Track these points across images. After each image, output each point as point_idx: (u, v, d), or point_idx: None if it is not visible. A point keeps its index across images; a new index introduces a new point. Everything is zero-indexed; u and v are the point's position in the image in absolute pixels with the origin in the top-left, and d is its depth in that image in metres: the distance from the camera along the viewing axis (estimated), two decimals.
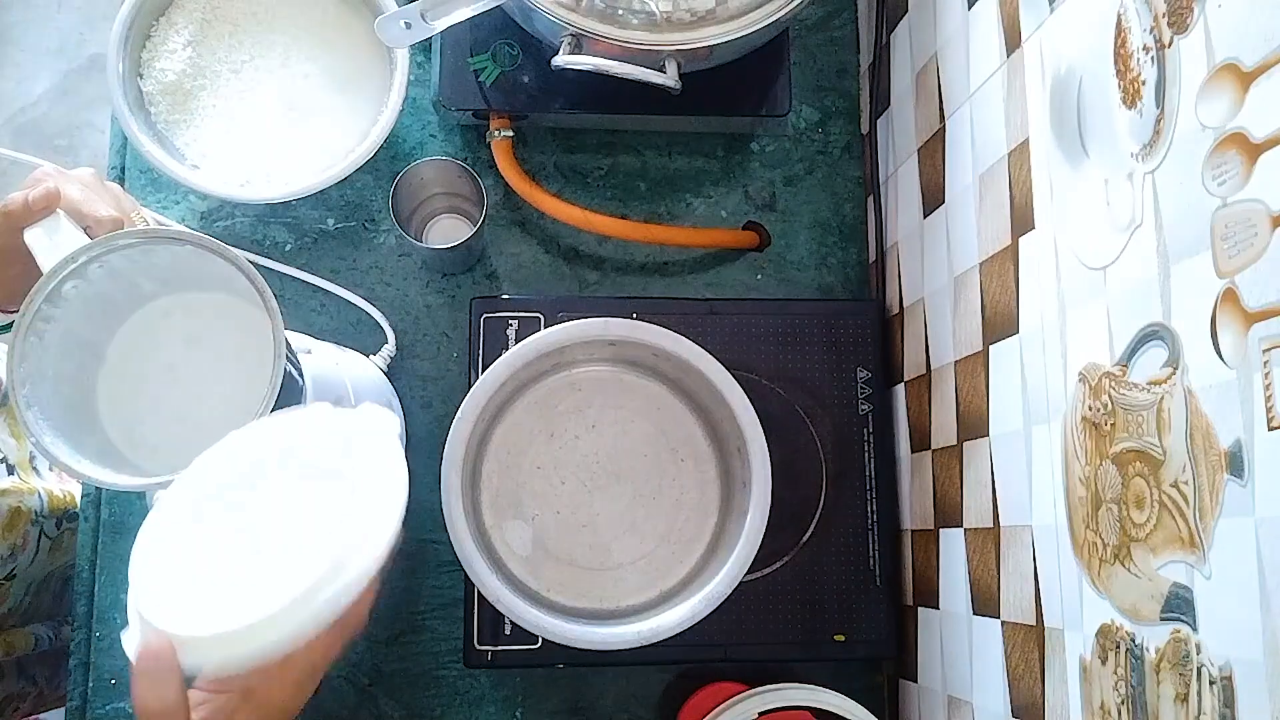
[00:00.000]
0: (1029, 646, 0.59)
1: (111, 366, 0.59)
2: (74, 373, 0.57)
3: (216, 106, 0.78)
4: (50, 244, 0.56)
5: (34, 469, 0.87)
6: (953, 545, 0.69)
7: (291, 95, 0.78)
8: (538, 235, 0.84)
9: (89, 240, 0.56)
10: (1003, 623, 0.62)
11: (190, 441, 0.57)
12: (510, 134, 0.79)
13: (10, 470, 0.84)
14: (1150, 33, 0.48)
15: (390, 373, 0.79)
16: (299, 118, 0.78)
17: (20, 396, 0.52)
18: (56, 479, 0.90)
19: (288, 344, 0.54)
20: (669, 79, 0.67)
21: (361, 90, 0.79)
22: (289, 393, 0.56)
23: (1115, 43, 0.51)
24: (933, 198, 0.74)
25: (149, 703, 0.44)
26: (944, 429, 0.71)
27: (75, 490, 0.87)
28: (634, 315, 0.70)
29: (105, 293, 0.56)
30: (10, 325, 0.63)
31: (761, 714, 0.69)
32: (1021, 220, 0.60)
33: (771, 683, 0.71)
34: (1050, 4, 0.57)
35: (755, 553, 0.65)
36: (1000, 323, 0.63)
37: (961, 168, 0.69)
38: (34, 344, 0.53)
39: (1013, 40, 0.62)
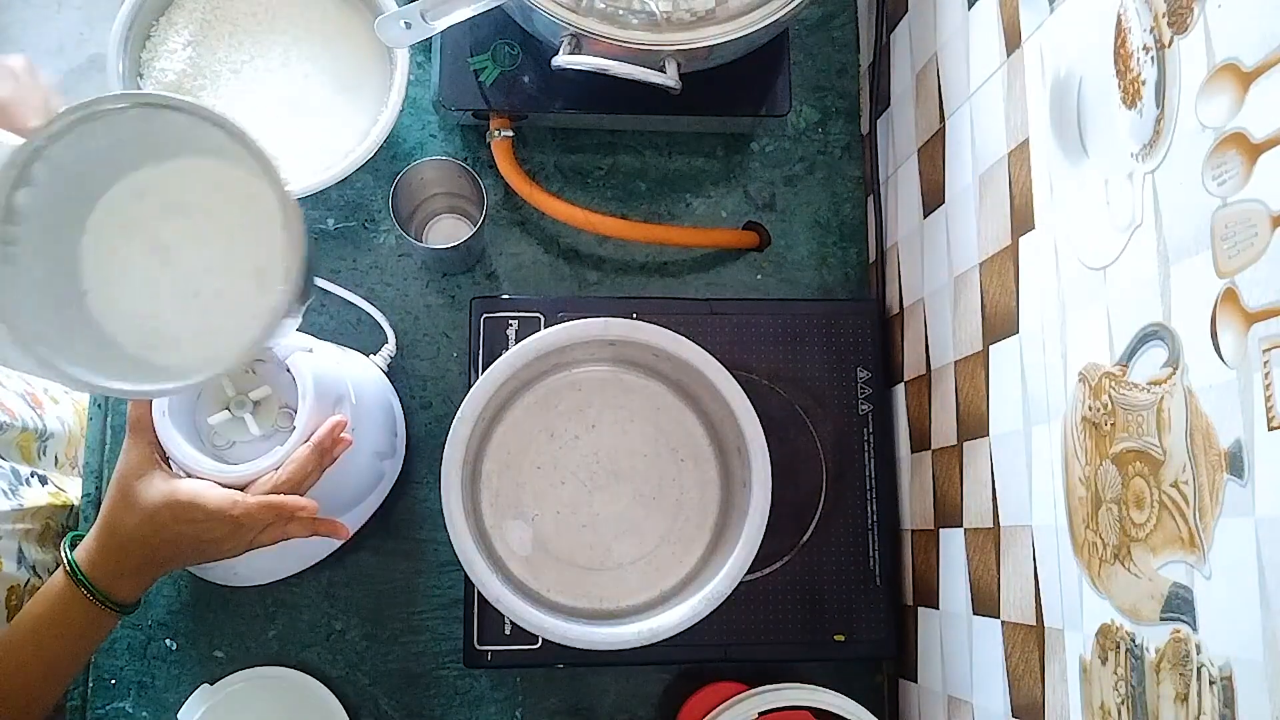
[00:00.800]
0: (1029, 646, 0.59)
1: (94, 270, 0.52)
2: (61, 290, 0.51)
3: (216, 106, 0.77)
4: None
5: (30, 481, 0.84)
6: (953, 545, 0.69)
7: (291, 95, 0.78)
8: (538, 235, 0.84)
9: (21, 142, 0.49)
10: (1003, 623, 0.62)
11: (209, 318, 0.52)
12: (510, 134, 0.79)
13: (45, 481, 0.82)
14: (1150, 33, 0.48)
15: (390, 373, 0.79)
16: (299, 118, 0.78)
17: (13, 334, 0.47)
18: (57, 482, 0.89)
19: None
20: (669, 79, 0.67)
21: (361, 90, 0.79)
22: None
23: (1115, 43, 0.51)
24: (933, 198, 0.74)
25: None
26: (944, 429, 0.71)
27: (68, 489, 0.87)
28: (634, 315, 0.70)
29: (61, 193, 0.50)
30: None
31: (761, 714, 0.69)
32: (1021, 220, 0.60)
33: (771, 683, 0.71)
34: (1050, 4, 0.57)
35: (755, 553, 0.65)
36: (1000, 323, 0.63)
37: (961, 168, 0.69)
38: (8, 273, 0.48)
39: (1013, 40, 0.62)
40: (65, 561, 0.60)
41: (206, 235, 0.53)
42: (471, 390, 0.66)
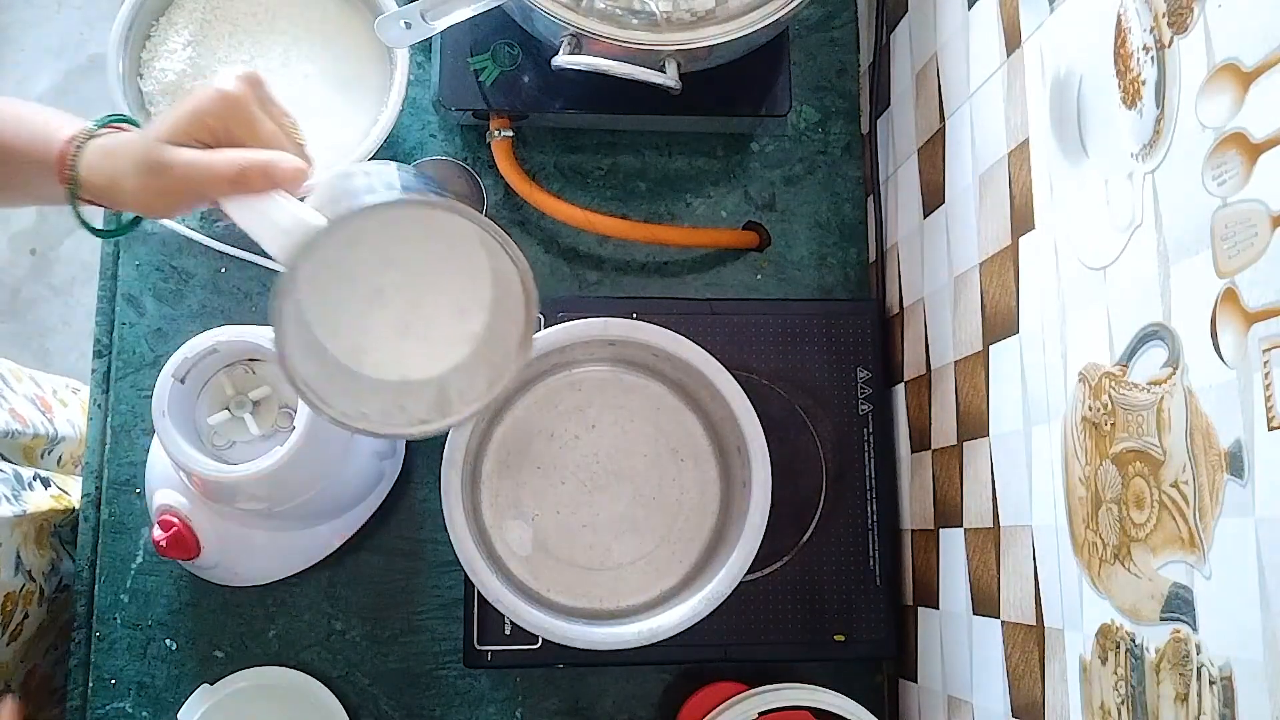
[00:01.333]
0: (1029, 646, 0.59)
1: (308, 304, 0.53)
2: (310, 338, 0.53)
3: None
4: (264, 220, 0.49)
5: (33, 484, 0.84)
6: (953, 545, 0.69)
7: (291, 95, 0.78)
8: (538, 235, 0.84)
9: (318, 221, 0.49)
10: (1003, 623, 0.62)
11: (414, 353, 0.55)
12: (510, 134, 0.79)
13: (48, 484, 0.81)
14: (1150, 33, 0.48)
15: None
16: (299, 118, 0.78)
17: (303, 384, 0.49)
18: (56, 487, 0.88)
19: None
20: (669, 79, 0.67)
21: (361, 90, 0.79)
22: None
23: (1115, 43, 0.51)
24: (933, 198, 0.74)
25: None
26: (944, 429, 0.71)
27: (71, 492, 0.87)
28: (634, 315, 0.70)
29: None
30: (119, 228, 0.60)
31: (761, 714, 0.69)
32: (1021, 220, 0.60)
33: (771, 683, 0.71)
34: (1050, 4, 0.57)
35: (755, 553, 0.65)
36: (1000, 323, 0.63)
37: (961, 168, 0.69)
38: (286, 326, 0.49)
39: (1013, 40, 0.62)
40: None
41: (418, 281, 0.54)
42: None
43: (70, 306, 1.74)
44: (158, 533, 0.67)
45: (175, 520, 0.67)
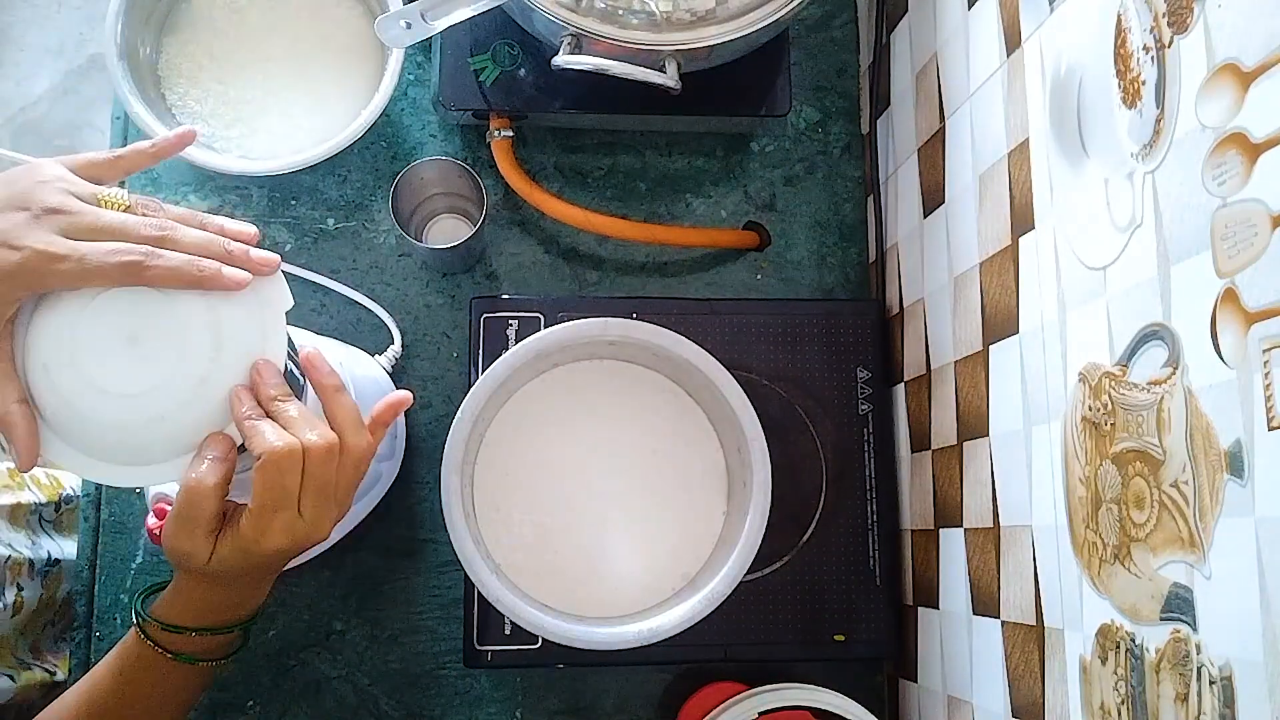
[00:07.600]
0: (1029, 646, 0.59)
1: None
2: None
3: (214, 90, 0.79)
4: None
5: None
6: (953, 545, 0.69)
7: (289, 80, 0.80)
8: (538, 235, 0.84)
9: None
10: (1003, 623, 0.62)
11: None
12: (510, 134, 0.79)
13: None
14: (1150, 32, 0.48)
15: (393, 373, 0.79)
16: (295, 100, 0.79)
17: None
18: (42, 472, 0.89)
19: (290, 341, 0.54)
20: (669, 79, 0.67)
21: (357, 75, 0.81)
22: (290, 387, 0.56)
23: (1115, 43, 0.51)
24: (933, 198, 0.74)
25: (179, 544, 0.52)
26: (944, 429, 0.71)
27: (61, 477, 0.88)
28: (634, 315, 0.70)
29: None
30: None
31: (761, 714, 0.69)
32: (1021, 220, 0.60)
33: (771, 683, 0.71)
34: (1050, 4, 0.57)
35: (755, 553, 0.65)
36: (1000, 323, 0.63)
37: (961, 168, 0.69)
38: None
39: (1013, 40, 0.62)
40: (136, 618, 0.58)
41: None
42: (471, 390, 0.66)
43: None
44: (152, 520, 0.67)
45: (169, 508, 0.67)
